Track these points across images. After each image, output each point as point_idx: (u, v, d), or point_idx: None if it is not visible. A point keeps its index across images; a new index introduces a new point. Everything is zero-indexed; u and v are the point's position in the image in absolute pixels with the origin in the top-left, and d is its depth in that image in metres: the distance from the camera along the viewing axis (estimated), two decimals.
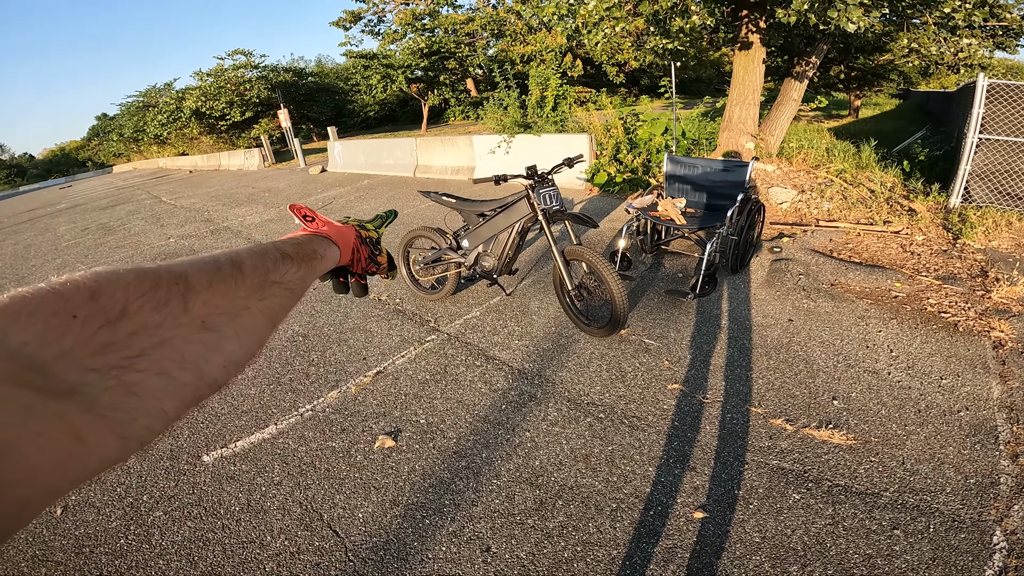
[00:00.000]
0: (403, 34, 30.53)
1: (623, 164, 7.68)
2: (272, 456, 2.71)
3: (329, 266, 0.67)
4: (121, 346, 0.34)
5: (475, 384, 3.14)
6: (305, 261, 0.58)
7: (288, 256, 0.55)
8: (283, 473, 2.58)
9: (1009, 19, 5.86)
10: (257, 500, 2.43)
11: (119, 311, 0.35)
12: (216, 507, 2.41)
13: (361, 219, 0.83)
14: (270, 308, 0.49)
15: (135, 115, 34.04)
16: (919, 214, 5.29)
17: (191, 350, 0.39)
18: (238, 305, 0.45)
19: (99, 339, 0.33)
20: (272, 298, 0.49)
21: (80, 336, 0.32)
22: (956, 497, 2.11)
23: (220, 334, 0.42)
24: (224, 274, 0.45)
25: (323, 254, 0.64)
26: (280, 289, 0.51)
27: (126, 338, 0.34)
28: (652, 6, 6.04)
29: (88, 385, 0.31)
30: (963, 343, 3.14)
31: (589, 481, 2.36)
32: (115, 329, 0.34)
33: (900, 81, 18.57)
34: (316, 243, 0.64)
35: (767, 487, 2.23)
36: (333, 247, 0.68)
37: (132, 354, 0.34)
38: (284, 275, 0.52)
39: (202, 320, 0.40)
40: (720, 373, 3.03)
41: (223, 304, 0.43)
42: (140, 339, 0.35)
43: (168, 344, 0.37)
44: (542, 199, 3.23)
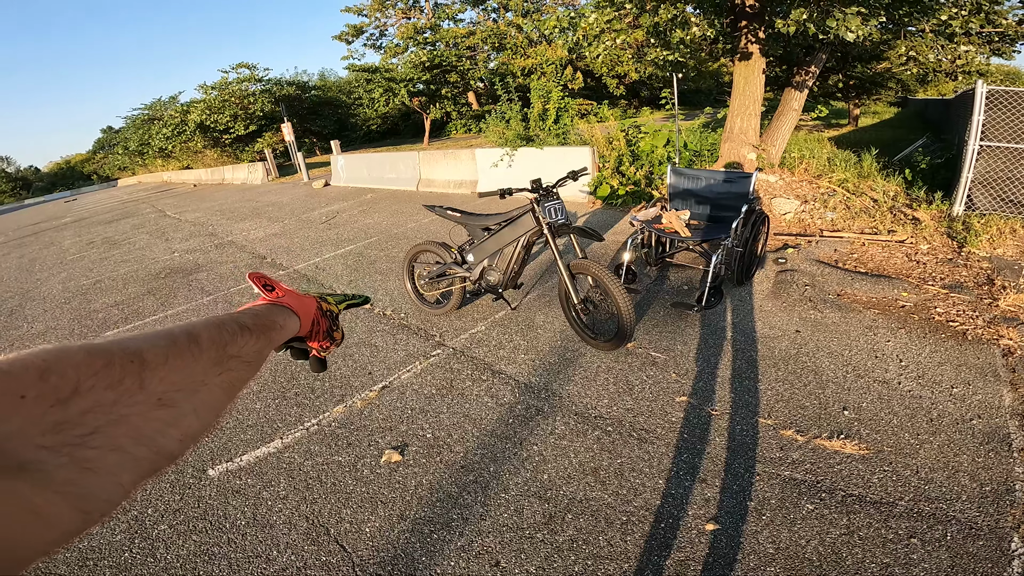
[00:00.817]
0: (405, 48, 30.88)
1: (626, 177, 7.71)
2: (278, 470, 2.70)
3: (288, 336, 0.66)
4: (74, 424, 0.33)
5: (482, 398, 3.13)
6: (263, 332, 0.58)
7: (247, 328, 0.55)
8: (289, 487, 2.57)
9: (1005, 25, 5.90)
10: (263, 514, 2.41)
11: (70, 390, 0.34)
12: (221, 521, 2.40)
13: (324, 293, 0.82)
14: (228, 382, 0.49)
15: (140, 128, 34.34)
16: (923, 223, 5.29)
17: (148, 427, 0.39)
18: (196, 380, 0.45)
19: (50, 418, 0.32)
20: (230, 372, 0.49)
21: (29, 415, 0.31)
22: (972, 505, 2.09)
23: (178, 410, 0.42)
24: (180, 349, 0.44)
25: (282, 324, 0.64)
26: (238, 363, 0.51)
27: (78, 416, 0.34)
28: (652, 18, 6.11)
29: (41, 463, 0.31)
30: (972, 351, 3.13)
31: (598, 494, 2.34)
32: (67, 408, 0.34)
33: (898, 89, 18.68)
34: (276, 313, 0.64)
35: (779, 498, 2.21)
36: (293, 317, 0.67)
37: (85, 432, 0.34)
38: (242, 348, 0.52)
39: (159, 397, 0.40)
40: (728, 385, 3.01)
41: (180, 380, 0.43)
42: (94, 417, 0.35)
43: (124, 421, 0.37)
44: (547, 212, 3.24)
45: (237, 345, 0.51)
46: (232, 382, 0.49)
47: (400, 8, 33.44)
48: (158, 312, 5.41)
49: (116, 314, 5.56)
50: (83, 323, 5.44)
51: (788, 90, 7.69)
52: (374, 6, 32.65)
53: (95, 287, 6.90)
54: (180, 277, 6.71)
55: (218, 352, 0.48)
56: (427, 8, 34.08)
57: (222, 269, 6.84)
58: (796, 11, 5.10)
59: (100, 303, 6.08)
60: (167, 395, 0.41)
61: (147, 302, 5.83)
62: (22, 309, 6.37)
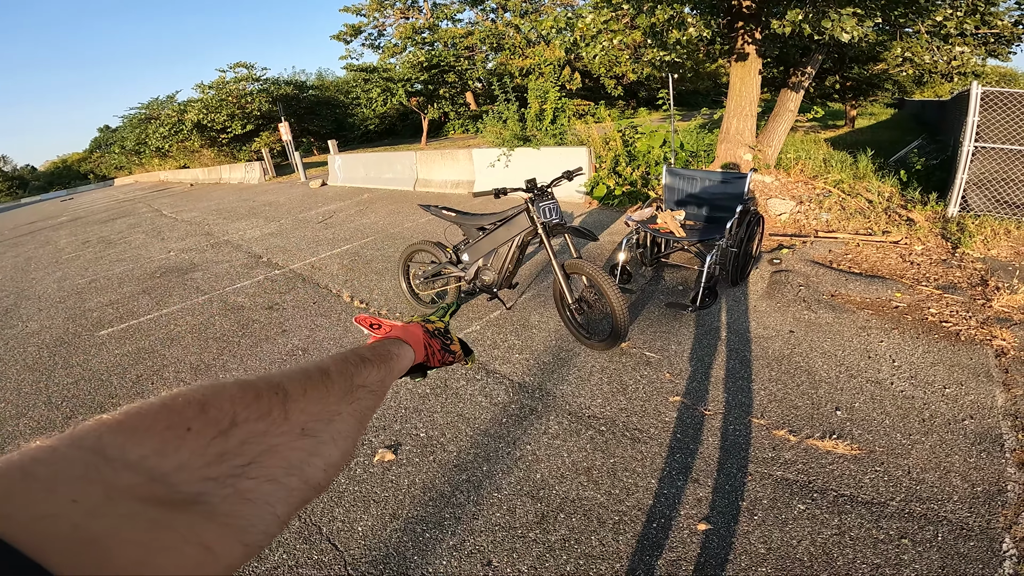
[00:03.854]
0: (403, 48, 30.87)
1: (622, 177, 7.72)
2: None
3: (406, 365, 0.70)
4: (233, 455, 0.36)
5: (475, 398, 3.13)
6: (383, 362, 0.61)
7: (367, 360, 0.58)
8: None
9: (1000, 26, 5.92)
10: None
11: (229, 422, 0.36)
12: None
13: (425, 313, 0.87)
14: (358, 411, 0.51)
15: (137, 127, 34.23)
16: (917, 224, 5.30)
17: (294, 456, 0.41)
18: (331, 410, 0.47)
19: (213, 449, 0.34)
20: (359, 401, 0.52)
21: (195, 447, 0.33)
22: (963, 505, 2.10)
23: (318, 439, 0.44)
24: (315, 382, 0.48)
25: (397, 353, 0.67)
26: (365, 392, 0.54)
27: (237, 447, 0.36)
28: (649, 19, 6.11)
29: (208, 495, 0.33)
30: (965, 352, 3.14)
31: (591, 494, 2.34)
32: (227, 439, 0.36)
33: (895, 90, 18.73)
34: (389, 345, 0.68)
35: (771, 498, 2.22)
36: (406, 347, 0.71)
37: (243, 462, 0.36)
38: (367, 378, 0.55)
39: (301, 427, 0.43)
40: (721, 385, 3.02)
41: (317, 411, 0.46)
42: (249, 447, 0.37)
43: (274, 451, 0.39)
44: (542, 212, 3.24)
45: (362, 376, 0.55)
46: (362, 411, 0.52)
47: (399, 8, 33.42)
48: (153, 311, 5.39)
49: (111, 313, 5.54)
50: (77, 322, 5.42)
51: (784, 91, 7.70)
52: (372, 6, 32.62)
53: (90, 286, 6.88)
54: (175, 276, 6.69)
55: (347, 383, 0.51)
56: (426, 8, 34.06)
57: (218, 268, 6.82)
58: (792, 12, 5.11)
59: (95, 302, 6.06)
60: (308, 425, 0.44)
61: (142, 301, 5.82)
62: (17, 308, 6.35)
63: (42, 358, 4.58)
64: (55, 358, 4.54)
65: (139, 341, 4.64)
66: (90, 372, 4.15)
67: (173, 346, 4.42)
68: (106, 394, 3.75)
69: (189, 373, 3.90)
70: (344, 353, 0.57)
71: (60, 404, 3.69)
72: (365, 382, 0.55)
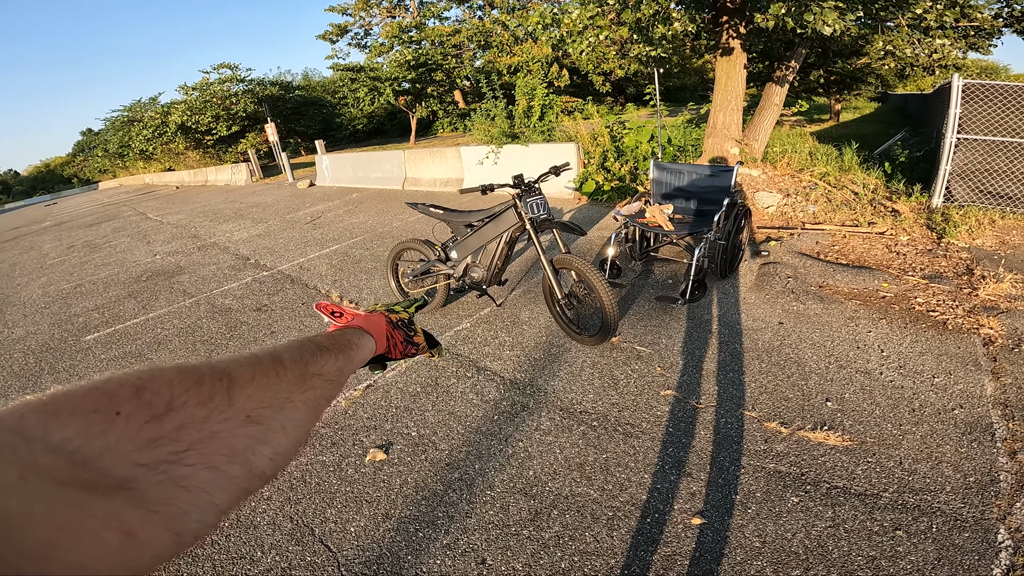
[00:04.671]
0: (390, 47, 30.65)
1: (611, 172, 7.72)
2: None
3: (367, 355, 0.68)
4: (169, 440, 0.34)
5: (467, 395, 3.11)
6: (342, 351, 0.59)
7: (325, 348, 0.56)
8: (272, 488, 2.54)
9: (980, 19, 5.98)
10: (246, 515, 2.39)
11: (164, 406, 0.35)
12: None
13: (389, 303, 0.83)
14: (312, 400, 0.50)
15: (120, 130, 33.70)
16: (902, 215, 5.35)
17: (238, 443, 0.39)
18: (281, 398, 0.46)
19: (145, 434, 0.33)
20: (313, 390, 0.50)
21: (126, 431, 0.32)
22: (956, 496, 2.10)
23: (266, 427, 0.43)
24: (266, 368, 0.46)
25: (358, 343, 0.65)
26: (321, 381, 0.52)
27: (173, 432, 0.35)
28: (635, 14, 6.11)
29: (137, 480, 0.32)
30: (953, 341, 3.16)
31: (584, 490, 2.33)
32: (161, 424, 0.34)
33: (878, 84, 18.89)
34: (350, 334, 0.66)
35: (765, 491, 2.22)
36: (367, 336, 0.69)
37: (180, 448, 0.35)
38: (323, 367, 0.54)
39: (247, 414, 0.41)
40: (713, 378, 3.02)
41: (267, 397, 0.44)
42: (187, 433, 0.36)
43: (216, 438, 0.38)
44: (529, 208, 3.22)
45: (318, 364, 0.53)
46: (316, 400, 0.50)
47: (385, 7, 33.20)
48: (139, 315, 5.32)
49: (96, 318, 5.46)
50: (63, 327, 5.33)
51: (769, 85, 7.74)
52: (359, 5, 32.39)
53: (75, 291, 6.77)
54: (162, 280, 6.61)
55: (301, 370, 0.50)
56: (412, 6, 33.88)
57: (205, 271, 6.74)
58: (775, 5, 5.13)
59: (80, 307, 5.97)
60: (255, 412, 0.42)
61: (128, 305, 5.73)
62: (2, 314, 6.24)
63: (28, 364, 4.50)
64: (41, 364, 4.46)
65: (126, 345, 4.57)
66: (77, 377, 4.09)
67: (160, 350, 4.36)
68: None
69: None
70: (301, 340, 0.55)
71: None
72: (321, 371, 0.53)
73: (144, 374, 0.36)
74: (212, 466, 0.36)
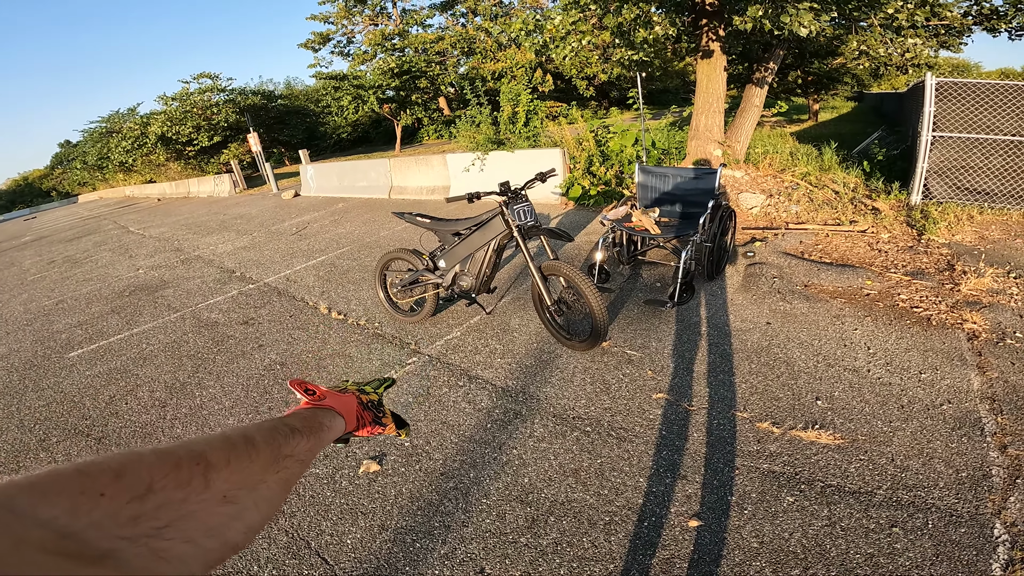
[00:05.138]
0: (373, 54, 30.59)
1: (596, 177, 7.76)
2: None
3: (336, 436, 0.70)
4: (149, 517, 0.36)
5: (459, 404, 3.10)
6: (312, 433, 0.61)
7: (297, 431, 0.58)
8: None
9: (950, 18, 6.11)
10: None
11: (144, 488, 0.37)
12: None
13: (360, 382, 0.87)
14: (283, 479, 0.52)
15: (98, 142, 33.21)
16: (883, 213, 5.44)
17: (214, 521, 0.42)
18: (255, 479, 0.48)
19: (127, 512, 0.35)
20: (285, 470, 0.53)
21: (109, 510, 0.34)
22: (950, 492, 2.12)
23: (241, 506, 0.45)
24: (240, 453, 0.48)
25: (329, 425, 0.67)
26: (292, 462, 0.54)
27: (153, 511, 0.37)
28: (616, 18, 6.17)
29: (120, 551, 0.34)
30: (938, 336, 3.21)
31: (580, 495, 2.33)
32: (143, 503, 0.37)
33: (853, 84, 19.23)
34: (321, 416, 0.68)
35: (760, 491, 2.23)
36: (338, 418, 0.71)
37: (160, 525, 0.37)
38: (295, 448, 0.55)
39: (223, 495, 0.44)
40: (703, 380, 3.04)
41: (241, 479, 0.46)
42: (166, 512, 0.38)
43: (193, 516, 0.40)
44: (516, 215, 3.22)
45: (290, 446, 0.55)
46: (287, 479, 0.53)
47: (367, 15, 33.14)
48: (123, 331, 5.23)
49: (80, 334, 5.36)
50: (46, 344, 5.23)
51: (749, 87, 7.85)
52: (340, 13, 32.26)
53: (57, 307, 6.65)
54: (145, 295, 6.51)
55: (273, 453, 0.52)
56: (395, 14, 33.85)
57: (189, 285, 6.65)
58: (752, 8, 5.21)
59: (63, 323, 5.86)
60: (231, 492, 0.45)
61: (111, 321, 5.64)
62: None
63: (12, 382, 4.41)
64: (25, 382, 4.38)
65: (111, 361, 4.49)
66: (62, 395, 4.01)
67: (146, 365, 4.29)
68: (79, 415, 3.63)
69: (164, 392, 3.79)
70: (274, 422, 0.57)
71: (33, 427, 3.56)
72: (293, 452, 0.55)
73: (124, 458, 0.38)
74: (190, 540, 0.39)
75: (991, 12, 6.36)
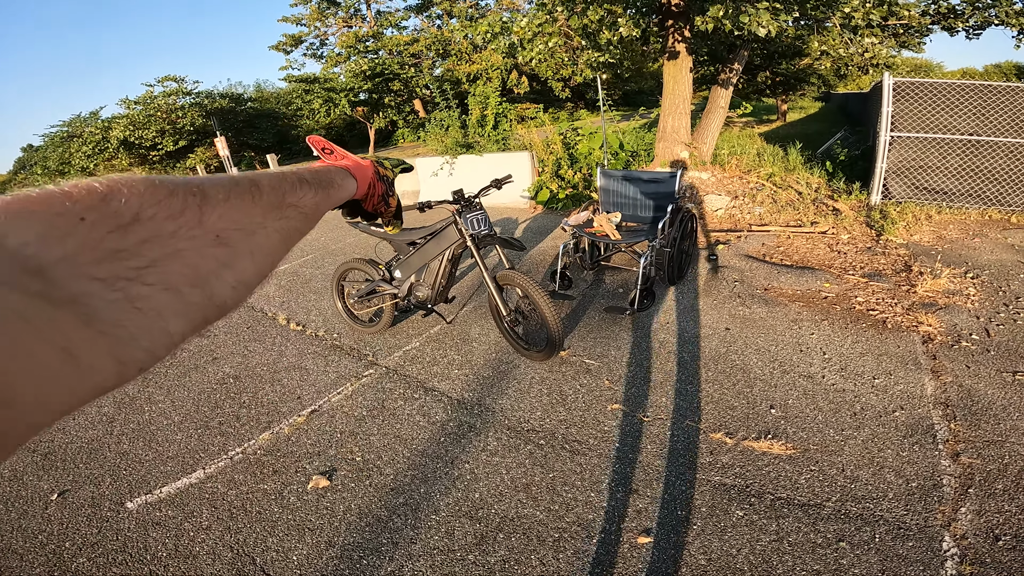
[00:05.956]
0: (347, 57, 30.22)
1: (565, 180, 7.73)
2: (200, 501, 2.56)
3: (345, 197, 0.66)
4: (130, 254, 0.32)
5: (413, 417, 3.02)
6: (322, 188, 0.57)
7: (306, 181, 0.54)
8: (212, 517, 2.44)
9: (909, 17, 6.21)
10: (185, 545, 2.29)
11: (131, 216, 0.32)
12: (142, 553, 2.27)
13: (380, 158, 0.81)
14: (284, 229, 0.48)
15: (60, 146, 32.28)
16: (843, 213, 5.50)
17: (203, 265, 0.37)
18: (254, 222, 0.43)
19: (107, 245, 0.31)
20: (287, 220, 0.48)
21: (87, 239, 0.30)
22: (899, 503, 2.10)
23: (234, 250, 0.40)
24: (242, 190, 0.43)
25: (340, 183, 0.64)
26: (295, 212, 0.50)
27: (136, 246, 0.32)
28: (581, 20, 6.14)
29: (90, 296, 0.29)
30: (893, 340, 3.23)
31: (530, 511, 2.28)
32: (125, 235, 0.32)
33: (820, 84, 19.58)
34: (334, 173, 0.64)
35: (710, 505, 2.20)
36: (351, 179, 0.67)
37: (141, 264, 0.32)
38: (301, 199, 0.51)
39: (216, 234, 0.39)
40: (660, 389, 3.00)
41: (239, 219, 0.41)
42: (151, 248, 0.33)
43: (180, 256, 0.35)
44: (470, 224, 3.14)
45: (296, 195, 0.50)
46: (288, 231, 0.48)
47: (341, 17, 32.72)
48: None
49: None
50: None
51: (715, 88, 7.90)
52: (313, 16, 31.80)
53: None
54: None
55: (277, 198, 0.47)
56: (369, 16, 33.49)
57: None
58: (713, 8, 5.22)
59: None
60: (225, 232, 0.39)
61: None
62: None
63: None
64: None
65: None
66: None
67: None
68: None
69: (111, 407, 3.62)
70: (282, 170, 0.52)
71: None
72: (298, 202, 0.50)
73: (113, 180, 0.33)
74: (172, 287, 0.34)
75: (948, 11, 6.49)
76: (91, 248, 0.30)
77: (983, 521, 2.00)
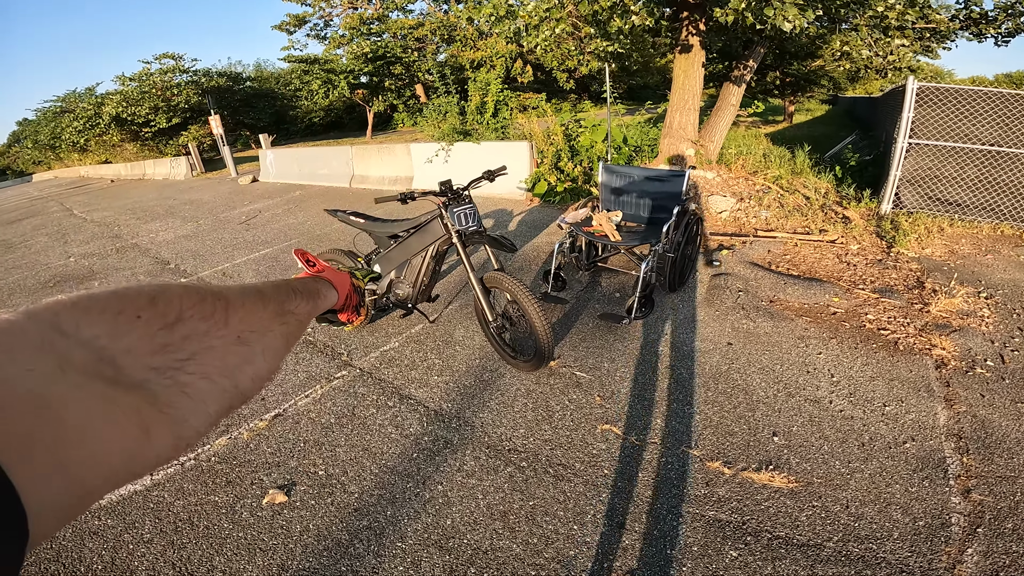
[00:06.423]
0: (350, 38, 29.64)
1: (564, 173, 7.45)
2: (143, 511, 2.35)
3: (328, 306, 0.72)
4: (176, 348, 0.37)
5: (385, 428, 2.78)
6: (311, 297, 0.62)
7: (298, 291, 0.59)
8: (155, 530, 2.24)
9: (937, 20, 5.94)
10: (123, 559, 2.11)
11: (175, 316, 0.37)
12: (76, 565, 2.10)
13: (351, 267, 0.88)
14: (286, 333, 0.52)
15: (52, 121, 31.78)
16: (853, 222, 5.25)
17: (230, 359, 0.42)
18: (264, 326, 0.48)
19: (159, 340, 0.36)
20: (287, 325, 0.52)
21: (143, 335, 0.34)
22: (904, 544, 1.91)
23: (251, 349, 0.45)
24: (253, 298, 0.48)
25: (325, 295, 0.70)
26: (293, 318, 0.54)
27: (180, 341, 0.37)
28: (591, 6, 5.84)
29: (150, 382, 0.34)
30: (904, 363, 3.00)
31: (506, 543, 2.05)
32: (172, 332, 0.37)
33: (830, 87, 19.32)
34: (320, 284, 0.70)
35: (702, 544, 1.97)
36: (332, 290, 0.73)
37: (184, 357, 0.37)
38: (296, 307, 0.56)
39: (238, 335, 0.44)
40: (655, 409, 2.76)
41: (253, 323, 0.46)
42: (191, 343, 0.38)
43: (212, 351, 0.40)
44: (457, 219, 2.87)
45: (292, 303, 0.55)
46: (288, 335, 0.52)
47: None
48: None
49: None
50: None
51: (726, 85, 7.61)
52: None
53: None
54: (70, 286, 6.00)
55: (279, 306, 0.52)
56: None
57: (118, 276, 6.16)
58: (735, 0, 4.92)
59: None
60: (244, 334, 0.44)
61: None
62: None
63: None
64: None
65: None
66: None
67: None
68: None
69: None
70: (278, 281, 0.57)
71: None
72: (295, 310, 0.55)
73: (156, 287, 0.38)
74: (208, 377, 0.39)
75: (980, 16, 6.22)
76: (147, 341, 0.35)
77: (988, 563, 1.82)
